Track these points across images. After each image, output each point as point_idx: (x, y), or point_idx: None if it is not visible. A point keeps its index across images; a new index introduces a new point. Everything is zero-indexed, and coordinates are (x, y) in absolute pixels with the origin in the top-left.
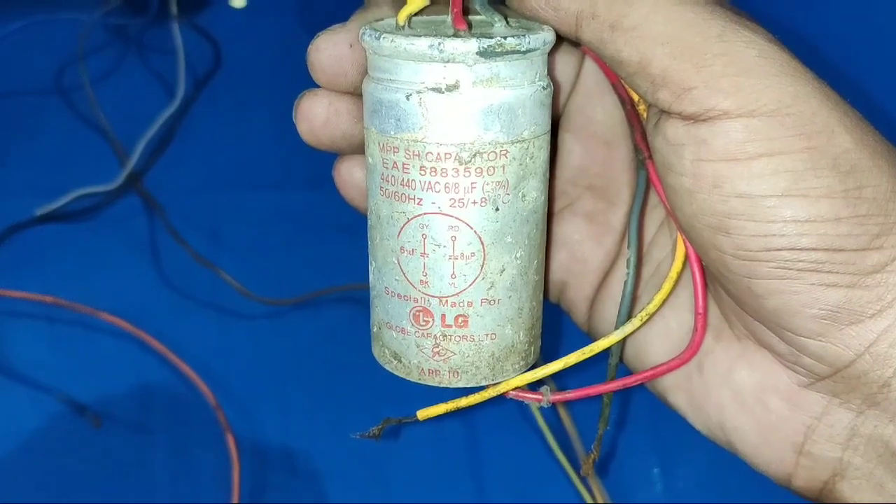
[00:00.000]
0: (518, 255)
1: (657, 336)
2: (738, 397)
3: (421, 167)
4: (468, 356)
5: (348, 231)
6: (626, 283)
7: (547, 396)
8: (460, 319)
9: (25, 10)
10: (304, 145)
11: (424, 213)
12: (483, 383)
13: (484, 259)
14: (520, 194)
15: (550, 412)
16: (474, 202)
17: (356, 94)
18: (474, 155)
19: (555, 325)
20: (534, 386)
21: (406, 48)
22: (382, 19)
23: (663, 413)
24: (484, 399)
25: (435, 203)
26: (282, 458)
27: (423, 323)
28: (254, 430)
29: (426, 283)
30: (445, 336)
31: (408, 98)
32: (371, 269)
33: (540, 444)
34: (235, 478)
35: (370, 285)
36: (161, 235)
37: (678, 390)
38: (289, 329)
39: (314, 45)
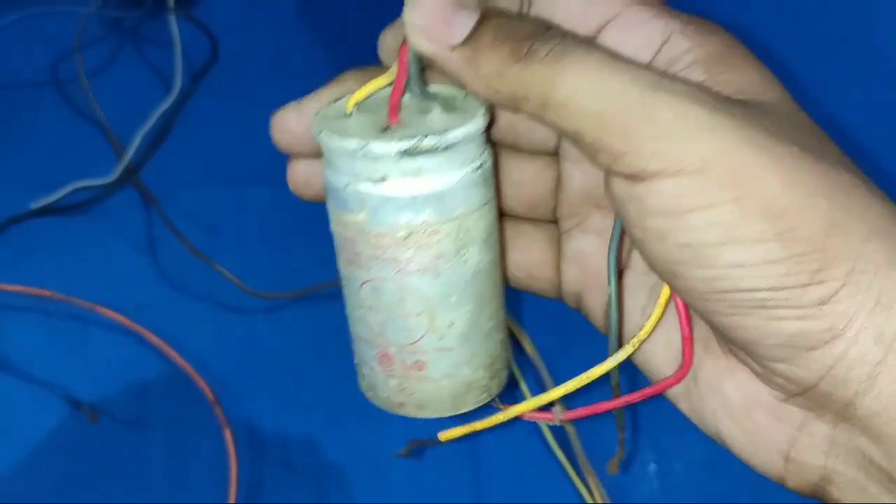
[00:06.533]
0: (466, 309)
1: (660, 345)
2: (727, 408)
3: (365, 242)
4: (429, 394)
5: None
6: (610, 315)
7: (558, 415)
8: (418, 364)
9: (21, 2)
10: None
11: (374, 279)
12: (447, 415)
13: (431, 316)
14: (461, 260)
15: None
16: (415, 271)
17: None
18: (409, 235)
19: (558, 326)
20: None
21: (338, 146)
22: (344, 96)
23: (659, 411)
24: (499, 422)
25: (381, 272)
26: (279, 452)
27: (387, 365)
28: (251, 425)
29: (384, 334)
30: (407, 377)
31: (346, 187)
32: (346, 312)
33: (539, 442)
34: (233, 473)
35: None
36: (158, 229)
37: (681, 398)
38: (286, 324)
39: (273, 124)
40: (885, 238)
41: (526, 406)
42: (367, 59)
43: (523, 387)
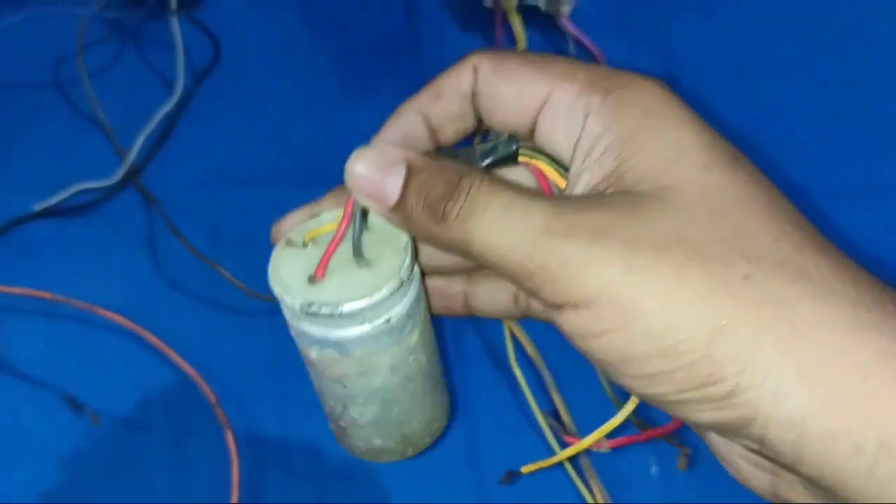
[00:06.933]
0: (373, 408)
1: None
2: (717, 451)
3: (298, 347)
4: (352, 445)
5: None
6: (602, 383)
7: (605, 445)
8: (340, 428)
9: (23, 3)
10: (304, 141)
11: (309, 370)
12: (368, 460)
13: (345, 407)
14: (364, 381)
15: (550, 412)
16: (328, 378)
17: None
18: (319, 359)
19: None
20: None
21: (271, 285)
22: (320, 214)
23: (660, 413)
24: (570, 455)
25: (310, 370)
26: (281, 454)
27: (328, 417)
28: (253, 428)
29: (321, 399)
30: (338, 429)
31: (282, 311)
32: None
33: (540, 442)
34: (235, 475)
35: None
36: (160, 231)
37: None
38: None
39: (272, 233)
40: (778, 328)
41: (588, 441)
42: (368, 62)
43: (526, 391)
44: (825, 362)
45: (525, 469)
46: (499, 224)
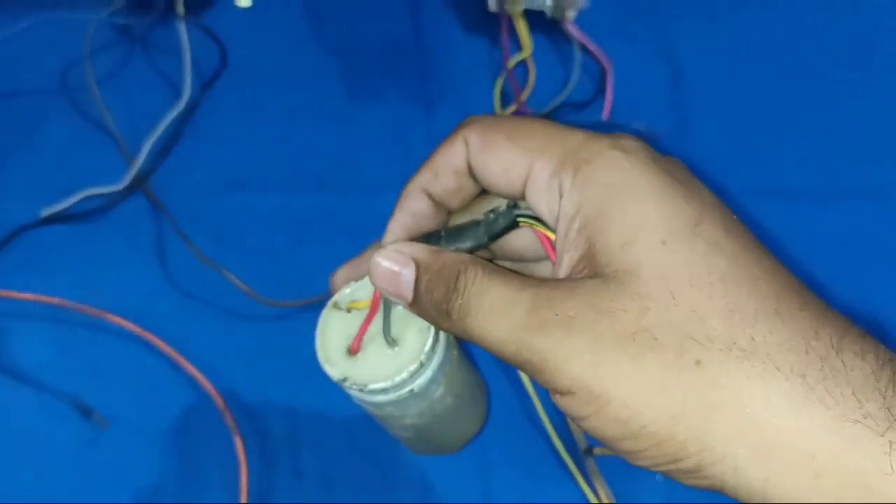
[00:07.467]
0: (409, 433)
1: None
2: None
3: None
4: (402, 443)
5: (355, 233)
6: None
7: None
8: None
9: (31, 9)
10: (312, 146)
11: None
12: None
13: (389, 428)
14: (397, 421)
15: (554, 412)
16: (371, 414)
17: None
18: (360, 405)
19: None
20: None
21: (317, 348)
22: (363, 277)
23: None
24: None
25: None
26: (290, 460)
27: None
28: (261, 433)
29: None
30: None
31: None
32: None
33: (545, 443)
34: (243, 480)
35: None
36: (167, 237)
37: None
38: (296, 331)
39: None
40: (728, 411)
41: None
42: (374, 68)
43: (530, 390)
44: (774, 441)
45: (597, 451)
46: (488, 324)
